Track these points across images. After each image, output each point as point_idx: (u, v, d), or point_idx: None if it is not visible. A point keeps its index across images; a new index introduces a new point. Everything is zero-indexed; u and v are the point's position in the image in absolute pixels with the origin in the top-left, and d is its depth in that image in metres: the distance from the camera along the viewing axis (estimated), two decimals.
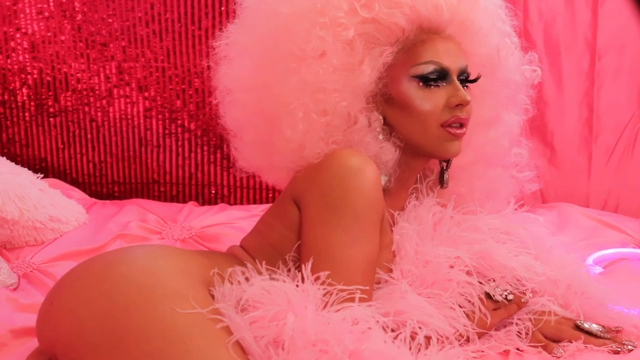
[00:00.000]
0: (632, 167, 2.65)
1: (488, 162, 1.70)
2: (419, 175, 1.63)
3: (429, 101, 1.48)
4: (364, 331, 1.26)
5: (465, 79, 1.53)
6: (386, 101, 1.52)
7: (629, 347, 1.48)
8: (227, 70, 1.60)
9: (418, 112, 1.48)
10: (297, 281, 1.33)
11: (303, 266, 1.35)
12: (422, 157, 1.56)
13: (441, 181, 1.62)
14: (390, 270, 1.51)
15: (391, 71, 1.50)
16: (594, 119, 2.64)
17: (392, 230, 1.55)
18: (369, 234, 1.41)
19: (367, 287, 1.38)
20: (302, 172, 1.49)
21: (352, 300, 1.31)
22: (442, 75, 1.48)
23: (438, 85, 1.48)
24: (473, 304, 1.47)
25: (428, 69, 1.48)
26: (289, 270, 1.44)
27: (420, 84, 1.48)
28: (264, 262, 1.39)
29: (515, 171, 1.73)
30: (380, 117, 1.51)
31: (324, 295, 1.31)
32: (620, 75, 2.61)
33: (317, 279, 1.32)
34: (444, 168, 1.62)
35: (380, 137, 1.50)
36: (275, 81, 1.50)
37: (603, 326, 1.52)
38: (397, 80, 1.50)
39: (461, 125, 1.50)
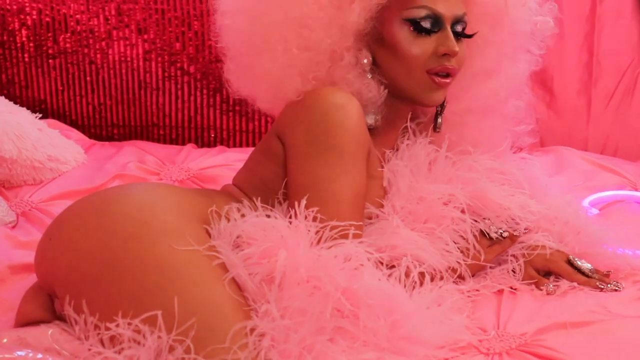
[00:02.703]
0: (632, 111, 2.64)
1: (483, 112, 1.68)
2: (409, 116, 1.61)
3: (417, 46, 1.47)
4: (357, 267, 1.28)
5: (462, 32, 1.51)
6: (376, 41, 1.51)
7: (615, 287, 1.51)
8: None
9: (405, 56, 1.48)
10: (290, 217, 1.34)
11: (296, 203, 1.35)
12: (406, 100, 1.55)
13: (434, 125, 1.61)
14: (381, 206, 1.51)
15: (384, 12, 1.49)
16: (593, 63, 2.63)
17: (382, 167, 1.55)
18: (355, 168, 1.41)
19: (359, 222, 1.39)
20: (286, 109, 1.49)
21: (345, 236, 1.32)
22: (434, 21, 1.47)
23: (429, 33, 1.47)
24: (467, 240, 1.49)
25: (420, 13, 1.46)
26: (281, 206, 1.45)
27: (411, 28, 1.47)
28: (259, 199, 1.40)
29: (512, 124, 1.71)
30: (370, 56, 1.51)
31: (317, 231, 1.31)
32: (621, 19, 2.59)
33: (311, 215, 1.32)
34: (438, 112, 1.61)
35: (369, 75, 1.50)
36: (261, 11, 1.49)
37: (595, 269, 1.54)
38: (389, 22, 1.49)
39: (447, 75, 1.49)
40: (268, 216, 1.35)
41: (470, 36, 1.53)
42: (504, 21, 1.60)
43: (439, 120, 1.61)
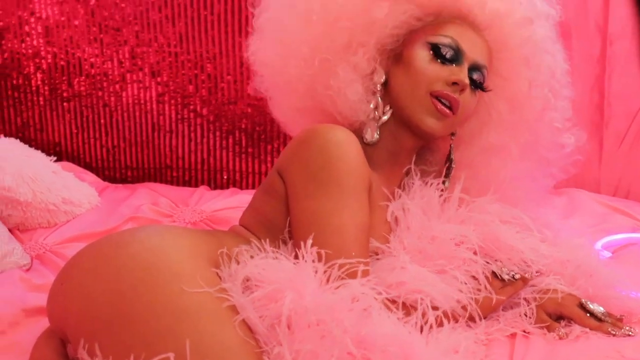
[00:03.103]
0: None
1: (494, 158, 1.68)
2: (413, 157, 1.62)
3: (430, 68, 1.49)
4: (365, 308, 1.26)
5: (477, 82, 1.53)
6: (394, 58, 1.55)
7: (627, 332, 1.48)
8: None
9: (415, 72, 1.50)
10: (296, 257, 1.34)
11: (301, 242, 1.35)
12: (407, 128, 1.55)
13: (443, 182, 1.62)
14: (386, 240, 1.51)
15: (412, 34, 1.54)
16: (605, 104, 2.63)
17: (386, 202, 1.55)
18: (356, 201, 1.41)
19: (365, 257, 1.39)
20: (286, 147, 1.50)
21: (353, 274, 1.31)
22: (455, 54, 1.50)
23: (445, 62, 1.49)
24: (479, 281, 1.47)
25: (444, 40, 1.50)
26: (286, 245, 1.45)
27: (431, 52, 1.50)
28: (267, 240, 1.39)
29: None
30: (384, 76, 1.55)
31: (325, 271, 1.31)
32: (631, 61, 2.60)
33: (317, 254, 1.32)
34: (447, 172, 1.62)
35: (378, 94, 1.54)
36: None
37: (608, 313, 1.52)
38: (412, 42, 1.53)
39: (449, 107, 1.49)
40: (275, 257, 1.34)
41: (484, 89, 1.55)
42: (524, 110, 1.62)
43: (447, 181, 1.62)
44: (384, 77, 1.55)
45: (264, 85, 1.71)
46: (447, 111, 1.49)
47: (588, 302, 1.51)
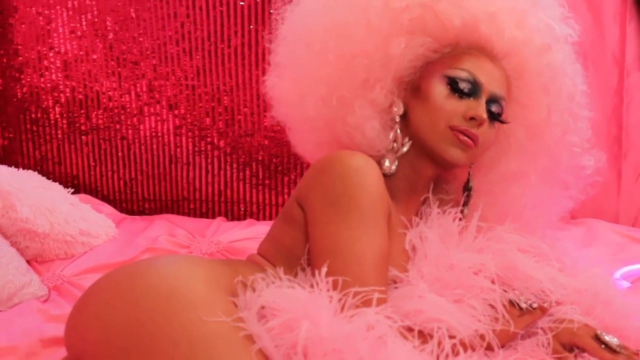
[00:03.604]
0: None
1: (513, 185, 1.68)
2: (431, 186, 1.62)
3: (448, 103, 1.48)
4: (380, 337, 1.26)
5: (495, 114, 1.52)
6: (412, 91, 1.54)
7: None
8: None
9: (434, 107, 1.49)
10: (312, 285, 1.33)
11: (316, 271, 1.34)
12: (428, 158, 1.54)
13: (462, 210, 1.61)
14: (405, 269, 1.50)
15: (429, 66, 1.53)
16: (623, 135, 2.63)
17: (404, 230, 1.54)
18: (376, 229, 1.40)
19: (383, 285, 1.38)
20: (305, 175, 1.50)
21: (368, 302, 1.30)
22: (472, 87, 1.49)
23: (462, 96, 1.49)
24: (496, 310, 1.45)
25: (462, 74, 1.49)
26: (304, 273, 1.44)
27: (449, 86, 1.49)
28: (282, 268, 1.38)
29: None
30: (402, 108, 1.54)
31: (340, 299, 1.30)
32: None
33: (333, 282, 1.32)
34: (465, 201, 1.61)
35: (396, 125, 1.54)
36: (304, 17, 1.59)
37: (623, 345, 1.48)
38: (429, 75, 1.52)
39: (470, 139, 1.49)
40: (291, 285, 1.34)
41: (502, 121, 1.54)
42: (544, 136, 1.61)
43: (465, 209, 1.61)
44: (402, 109, 1.54)
45: (282, 117, 1.72)
46: (470, 142, 1.48)
47: (603, 334, 1.47)
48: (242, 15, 2.64)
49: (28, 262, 2.13)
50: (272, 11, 2.50)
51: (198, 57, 2.69)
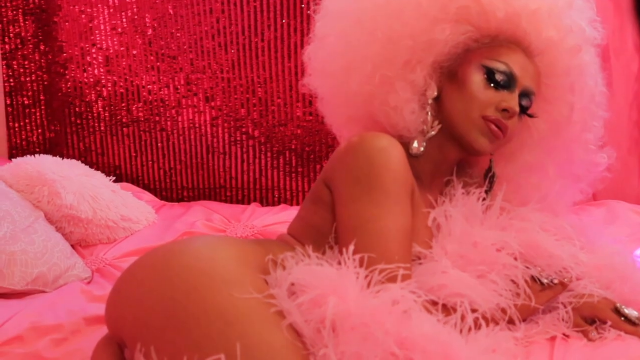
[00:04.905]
0: None
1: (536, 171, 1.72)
2: (455, 168, 1.65)
3: (484, 93, 1.52)
4: (405, 311, 1.29)
5: (524, 108, 1.56)
6: (448, 76, 1.57)
7: None
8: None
9: (470, 96, 1.52)
10: (339, 263, 1.36)
11: (343, 248, 1.37)
12: (456, 142, 1.58)
13: (486, 191, 1.64)
14: (429, 246, 1.52)
15: (468, 54, 1.56)
16: None
17: (427, 208, 1.57)
18: (400, 206, 1.43)
19: (407, 261, 1.41)
20: (332, 157, 1.54)
21: (394, 278, 1.34)
22: (508, 80, 1.52)
23: (498, 87, 1.52)
24: (518, 285, 1.48)
25: (499, 66, 1.52)
26: (332, 250, 1.48)
27: (485, 76, 1.53)
28: (310, 247, 1.41)
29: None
30: (436, 92, 1.58)
31: (366, 275, 1.33)
32: None
33: (359, 259, 1.35)
34: (488, 188, 1.64)
35: (427, 107, 1.57)
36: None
37: None
38: (467, 63, 1.55)
39: (500, 129, 1.52)
40: (319, 263, 1.37)
41: (530, 115, 1.58)
42: (564, 132, 1.65)
43: (489, 193, 1.64)
44: (436, 93, 1.58)
45: (316, 84, 1.74)
46: (500, 133, 1.52)
47: (623, 307, 1.50)
48: (275, 10, 2.68)
49: (72, 246, 2.18)
50: (303, 5, 2.57)
51: (233, 51, 2.73)
